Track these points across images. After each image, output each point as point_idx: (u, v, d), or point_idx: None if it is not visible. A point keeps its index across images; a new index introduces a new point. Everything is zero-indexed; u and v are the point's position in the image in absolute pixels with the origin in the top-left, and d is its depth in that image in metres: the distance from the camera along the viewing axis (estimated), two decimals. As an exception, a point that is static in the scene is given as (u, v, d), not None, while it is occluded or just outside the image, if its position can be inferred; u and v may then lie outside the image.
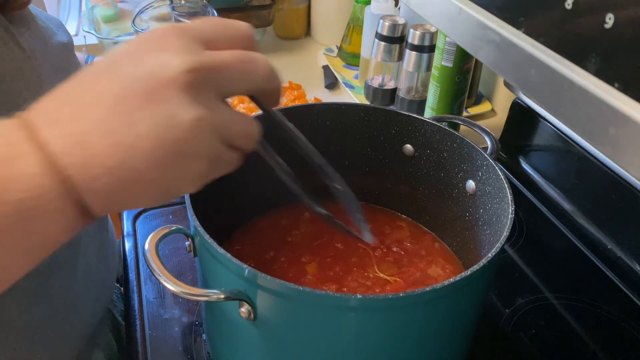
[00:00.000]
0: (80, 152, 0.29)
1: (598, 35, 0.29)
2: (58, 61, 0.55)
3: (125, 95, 0.29)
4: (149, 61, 0.30)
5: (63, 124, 0.30)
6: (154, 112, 0.29)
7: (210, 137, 0.31)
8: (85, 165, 0.29)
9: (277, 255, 0.65)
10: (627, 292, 0.70)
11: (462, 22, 0.44)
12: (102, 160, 0.29)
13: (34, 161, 0.29)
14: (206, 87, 0.30)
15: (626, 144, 0.28)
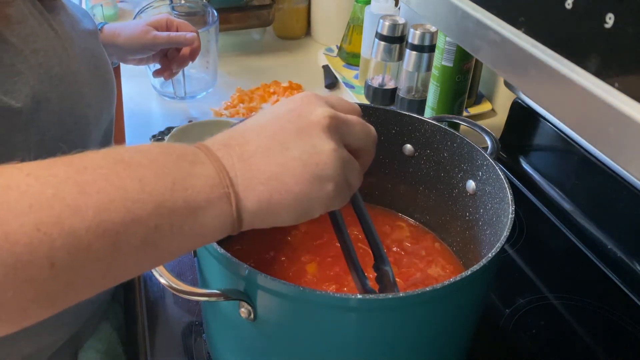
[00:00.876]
0: (244, 167, 0.37)
1: (598, 35, 0.29)
2: (84, 44, 0.62)
3: (281, 129, 0.39)
4: (298, 109, 0.40)
5: (233, 148, 0.38)
6: (303, 142, 0.38)
7: (341, 165, 0.39)
8: (246, 176, 0.37)
9: (277, 255, 0.65)
10: (627, 292, 0.70)
11: (462, 22, 0.44)
12: (260, 174, 0.37)
13: (210, 167, 0.36)
14: (338, 132, 0.40)
15: (626, 144, 0.28)
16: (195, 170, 0.36)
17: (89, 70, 0.62)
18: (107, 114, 0.67)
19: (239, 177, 0.37)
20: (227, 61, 1.25)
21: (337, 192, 0.39)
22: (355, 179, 0.41)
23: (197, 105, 1.09)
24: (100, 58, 0.66)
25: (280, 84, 1.14)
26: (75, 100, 0.58)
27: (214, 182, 0.36)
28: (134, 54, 0.92)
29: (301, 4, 1.35)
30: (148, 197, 0.33)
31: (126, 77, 1.20)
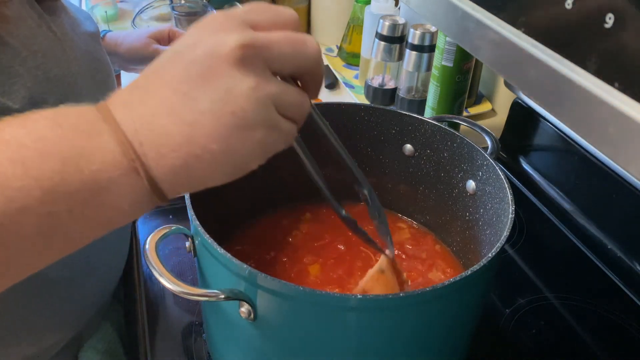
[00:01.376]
0: (149, 132, 0.32)
1: (598, 35, 0.29)
2: (85, 47, 0.61)
3: (185, 77, 0.32)
4: (203, 44, 0.32)
5: (133, 107, 0.32)
6: (211, 88, 0.32)
7: (265, 105, 0.33)
8: (153, 143, 0.32)
9: (278, 255, 0.65)
10: (627, 292, 0.70)
11: (462, 22, 0.44)
12: (168, 138, 0.32)
13: (109, 138, 0.31)
14: (257, 61, 0.32)
15: (626, 144, 0.28)
16: (92, 143, 0.31)
17: (90, 72, 0.61)
18: None
19: (144, 145, 0.32)
20: (227, 61, 1.25)
21: (269, 136, 0.34)
22: (296, 111, 0.35)
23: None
24: (102, 61, 0.66)
25: (280, 84, 1.14)
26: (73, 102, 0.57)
27: (116, 157, 0.31)
28: (135, 64, 0.91)
29: (301, 4, 1.35)
30: (34, 182, 0.30)
31: (126, 77, 1.19)
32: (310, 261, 0.64)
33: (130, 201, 0.33)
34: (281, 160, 0.69)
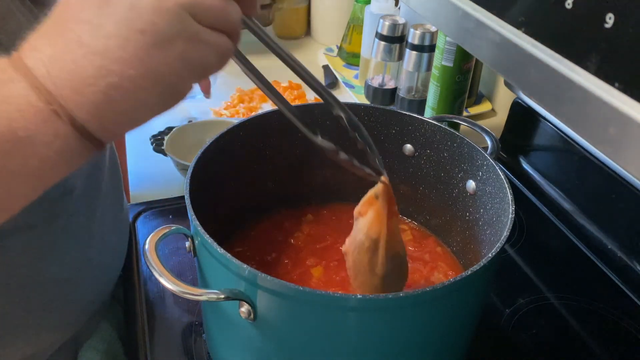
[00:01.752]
0: (60, 71, 0.30)
1: (598, 35, 0.29)
2: None
3: (86, 5, 0.30)
4: None
5: (42, 50, 0.31)
6: (113, 9, 0.30)
7: (178, 15, 0.30)
8: (67, 81, 0.30)
9: (279, 257, 0.65)
10: (627, 291, 0.70)
11: (462, 22, 0.43)
12: (81, 73, 0.30)
13: (22, 84, 0.30)
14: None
15: (626, 144, 0.28)
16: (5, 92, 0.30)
17: None
18: None
19: (59, 85, 0.30)
20: (227, 61, 1.25)
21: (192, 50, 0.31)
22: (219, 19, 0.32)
23: (197, 105, 1.09)
24: None
25: (280, 84, 1.14)
26: None
27: (32, 102, 0.30)
28: None
29: (301, 4, 1.35)
30: None
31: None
32: (313, 263, 0.64)
33: (58, 149, 0.31)
34: (282, 161, 0.70)
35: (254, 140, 0.64)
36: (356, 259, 0.51)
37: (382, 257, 0.49)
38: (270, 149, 0.66)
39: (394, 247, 0.50)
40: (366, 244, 0.49)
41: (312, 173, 0.69)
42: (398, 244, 0.51)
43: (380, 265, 0.49)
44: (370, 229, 0.49)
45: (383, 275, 0.50)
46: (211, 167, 0.57)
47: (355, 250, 0.50)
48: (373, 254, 0.49)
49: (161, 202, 0.81)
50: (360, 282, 0.52)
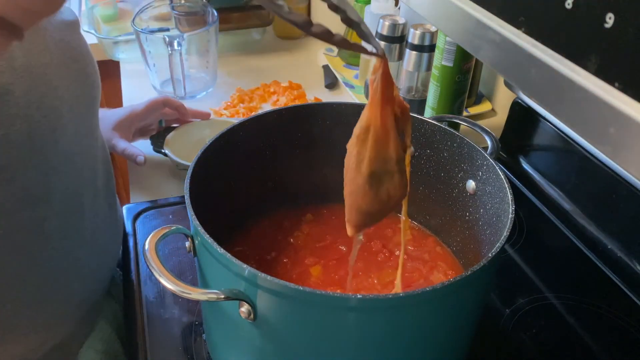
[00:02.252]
0: None
1: (598, 35, 0.29)
2: (60, 35, 0.60)
3: None
4: None
5: None
6: None
7: None
8: None
9: (279, 256, 0.65)
10: (627, 291, 0.70)
11: (461, 21, 0.43)
12: None
13: None
14: None
15: (626, 144, 0.28)
16: None
17: (64, 62, 0.59)
18: (88, 108, 0.64)
19: None
20: (227, 61, 1.25)
21: None
22: None
23: (196, 105, 1.08)
24: (79, 50, 0.63)
25: (280, 84, 1.14)
26: (43, 92, 0.55)
27: None
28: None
29: (301, 4, 1.35)
30: None
31: (126, 77, 1.20)
32: (312, 262, 0.64)
33: None
34: (282, 161, 0.69)
35: (254, 140, 0.64)
36: (349, 151, 0.45)
37: (369, 150, 0.43)
38: (270, 149, 0.66)
39: (385, 145, 0.44)
40: (357, 132, 0.43)
41: (311, 173, 0.69)
42: (390, 143, 0.44)
43: (366, 160, 0.43)
44: (364, 114, 0.43)
45: (368, 174, 0.44)
46: (211, 167, 0.57)
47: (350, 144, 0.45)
48: (362, 146, 0.43)
49: (161, 202, 0.81)
50: (348, 179, 0.45)
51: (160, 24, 1.16)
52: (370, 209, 0.45)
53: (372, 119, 0.42)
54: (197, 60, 1.09)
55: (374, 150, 0.43)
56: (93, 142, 0.66)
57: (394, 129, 0.44)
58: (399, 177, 0.46)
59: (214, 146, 0.58)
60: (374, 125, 0.43)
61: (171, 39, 1.02)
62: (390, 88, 0.42)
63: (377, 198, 0.45)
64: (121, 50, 1.24)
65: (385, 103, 0.42)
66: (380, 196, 0.45)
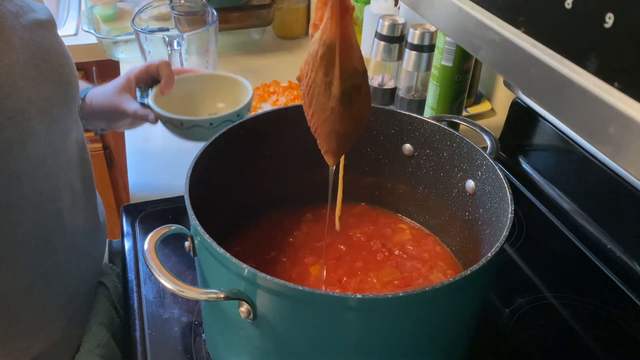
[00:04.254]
0: None
1: (598, 35, 0.29)
2: (29, 35, 0.59)
3: None
4: None
5: None
6: None
7: None
8: None
9: (278, 256, 0.65)
10: (627, 291, 0.70)
11: (461, 21, 0.43)
12: None
13: None
14: None
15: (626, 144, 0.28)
16: None
17: (32, 62, 0.57)
18: (62, 109, 0.62)
19: None
20: (227, 61, 1.25)
21: None
22: None
23: (196, 105, 1.09)
24: (52, 50, 0.61)
25: (280, 84, 1.14)
26: (7, 94, 0.53)
27: None
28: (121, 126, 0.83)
29: (301, 4, 1.35)
30: None
31: (126, 77, 1.19)
32: (311, 262, 0.64)
33: None
34: (282, 161, 0.69)
35: (254, 140, 0.64)
36: (310, 79, 0.43)
37: (337, 68, 0.41)
38: (270, 149, 0.66)
39: (350, 57, 0.42)
40: (320, 52, 0.41)
41: (311, 173, 0.69)
42: (354, 54, 0.42)
43: (336, 80, 0.42)
44: (324, 32, 0.40)
45: (340, 94, 0.42)
46: (211, 167, 0.57)
47: (308, 68, 0.42)
48: (328, 67, 0.41)
49: (161, 202, 0.81)
50: (315, 108, 0.44)
51: (160, 24, 1.16)
52: (347, 130, 0.44)
53: (334, 33, 0.40)
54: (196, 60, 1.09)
55: (342, 65, 0.41)
56: (69, 144, 0.64)
57: (355, 37, 0.42)
58: (366, 89, 0.44)
59: (214, 146, 0.58)
60: (340, 39, 0.40)
61: (171, 39, 1.02)
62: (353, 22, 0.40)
63: (352, 117, 0.44)
64: (121, 50, 1.24)
65: (344, 12, 0.40)
66: (354, 114, 0.44)
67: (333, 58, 0.41)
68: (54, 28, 0.63)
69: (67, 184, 0.64)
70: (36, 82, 0.57)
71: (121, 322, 0.75)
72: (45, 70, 0.59)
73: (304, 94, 0.44)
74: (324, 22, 0.40)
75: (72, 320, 0.67)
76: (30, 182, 0.57)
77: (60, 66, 0.62)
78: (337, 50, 0.40)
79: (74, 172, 0.66)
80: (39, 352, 0.64)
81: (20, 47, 0.56)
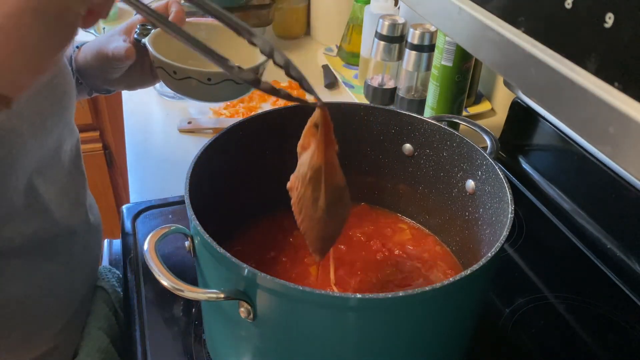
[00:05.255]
0: None
1: (598, 35, 0.29)
2: None
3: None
4: None
5: None
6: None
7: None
8: None
9: (278, 255, 0.65)
10: (627, 291, 0.70)
11: (461, 21, 0.43)
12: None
13: None
14: None
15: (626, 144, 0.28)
16: None
17: None
18: (55, 121, 0.60)
19: None
20: (227, 61, 1.25)
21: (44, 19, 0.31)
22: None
23: (196, 105, 1.09)
24: None
25: (280, 84, 1.14)
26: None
27: None
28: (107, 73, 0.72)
29: (301, 4, 1.35)
30: None
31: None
32: (312, 262, 0.64)
33: None
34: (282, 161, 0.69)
35: (253, 140, 0.64)
36: (300, 193, 0.51)
37: (324, 186, 0.49)
38: (270, 148, 0.66)
39: (334, 178, 0.50)
40: (308, 175, 0.49)
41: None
42: (337, 175, 0.51)
43: (322, 196, 0.49)
44: (312, 159, 0.48)
45: (325, 206, 0.50)
46: (211, 167, 0.57)
47: (299, 184, 0.50)
48: (315, 185, 0.49)
49: (161, 202, 0.81)
50: (304, 216, 0.51)
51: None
52: (332, 234, 0.53)
53: (320, 161, 0.48)
54: (196, 60, 1.09)
55: (327, 185, 0.49)
56: (62, 155, 0.63)
57: (337, 162, 0.50)
58: (347, 198, 0.53)
59: (214, 146, 0.58)
60: (325, 165, 0.48)
61: (171, 38, 1.01)
62: (331, 132, 0.48)
63: (336, 223, 0.52)
64: (121, 50, 1.24)
65: (329, 145, 0.48)
66: (337, 220, 0.52)
67: (319, 179, 0.49)
68: None
69: (61, 195, 0.63)
70: (28, 95, 0.54)
71: (120, 328, 0.75)
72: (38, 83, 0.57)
73: (294, 203, 0.52)
74: (312, 151, 0.48)
75: (68, 327, 0.67)
76: (20, 197, 0.56)
77: (55, 76, 0.59)
78: (323, 174, 0.48)
79: (67, 182, 0.64)
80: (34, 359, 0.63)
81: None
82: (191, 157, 0.55)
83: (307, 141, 0.49)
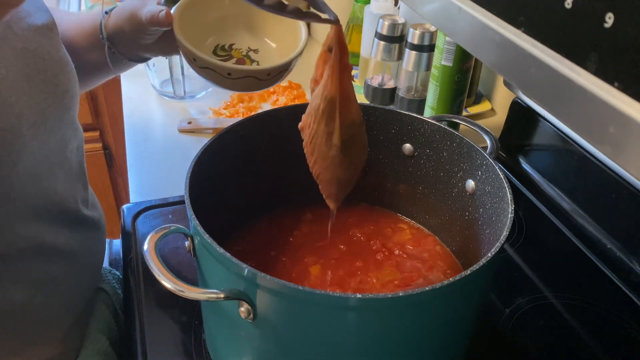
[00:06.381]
0: None
1: (598, 34, 0.29)
2: (24, 44, 0.55)
3: None
4: None
5: None
6: None
7: None
8: None
9: (278, 255, 0.65)
10: (627, 291, 0.70)
11: (461, 21, 0.43)
12: None
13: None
14: None
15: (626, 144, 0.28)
16: None
17: (26, 74, 0.54)
18: (58, 120, 0.59)
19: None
20: (227, 61, 1.25)
21: None
22: None
23: (196, 105, 1.09)
24: (47, 58, 0.57)
25: (280, 84, 1.14)
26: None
27: None
28: (140, 38, 0.67)
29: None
30: None
31: (125, 77, 1.20)
32: (312, 261, 0.64)
33: None
34: (282, 160, 0.69)
35: (254, 140, 0.64)
36: (312, 130, 0.46)
37: (338, 120, 0.45)
38: (270, 148, 0.66)
39: (349, 110, 0.45)
40: (322, 107, 0.45)
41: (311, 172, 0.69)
42: (353, 108, 0.46)
43: (337, 131, 0.45)
44: (325, 88, 0.44)
45: (340, 143, 0.46)
46: (211, 167, 0.57)
47: (311, 121, 0.46)
48: (329, 119, 0.45)
49: (161, 202, 0.81)
50: (317, 156, 0.47)
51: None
52: (347, 177, 0.48)
53: (335, 89, 0.43)
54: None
55: (342, 118, 0.44)
56: (67, 155, 0.62)
57: (353, 92, 0.45)
58: (363, 137, 0.48)
59: (214, 146, 0.58)
60: (340, 95, 0.44)
61: (171, 38, 1.01)
62: (346, 55, 0.43)
63: (351, 163, 0.48)
64: (121, 49, 1.24)
65: (343, 70, 0.43)
66: (353, 160, 0.48)
67: (334, 112, 0.44)
68: (50, 32, 0.59)
69: (66, 195, 0.62)
70: (28, 95, 0.54)
71: (120, 329, 0.75)
72: (39, 81, 0.55)
73: (306, 143, 0.48)
74: (325, 79, 0.43)
75: (71, 330, 0.66)
76: (23, 199, 0.55)
77: (56, 75, 0.58)
78: (337, 104, 0.44)
79: (74, 183, 0.64)
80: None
81: (12, 59, 0.53)
82: (191, 157, 0.55)
83: (320, 72, 0.45)
